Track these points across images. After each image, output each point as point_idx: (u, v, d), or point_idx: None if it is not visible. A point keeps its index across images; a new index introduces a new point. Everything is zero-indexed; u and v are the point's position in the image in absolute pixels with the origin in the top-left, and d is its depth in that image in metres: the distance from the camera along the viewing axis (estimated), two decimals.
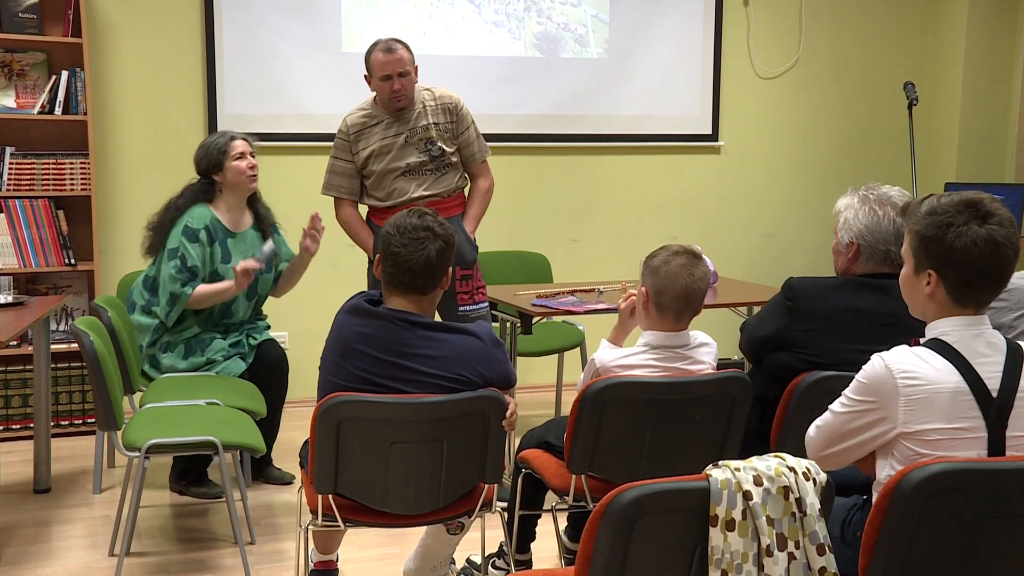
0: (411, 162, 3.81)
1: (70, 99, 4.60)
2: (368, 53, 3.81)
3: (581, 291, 4.27)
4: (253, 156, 3.88)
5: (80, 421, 4.73)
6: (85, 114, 4.60)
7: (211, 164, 3.84)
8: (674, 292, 2.64)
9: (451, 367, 2.56)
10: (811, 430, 2.11)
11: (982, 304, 1.97)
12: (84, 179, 4.64)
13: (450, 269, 2.66)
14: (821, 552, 1.78)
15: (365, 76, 3.84)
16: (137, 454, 3.11)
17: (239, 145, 3.85)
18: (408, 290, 2.60)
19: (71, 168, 4.64)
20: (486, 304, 4.00)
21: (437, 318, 2.88)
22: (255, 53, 4.97)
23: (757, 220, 5.99)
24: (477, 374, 2.59)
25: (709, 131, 5.81)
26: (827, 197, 5.26)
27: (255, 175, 3.88)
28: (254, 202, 3.97)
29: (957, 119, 6.03)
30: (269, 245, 3.85)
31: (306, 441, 2.74)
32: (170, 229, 3.80)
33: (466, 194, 4.05)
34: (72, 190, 4.64)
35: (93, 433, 4.40)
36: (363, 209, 4.04)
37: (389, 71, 3.74)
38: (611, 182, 5.68)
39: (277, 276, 4.06)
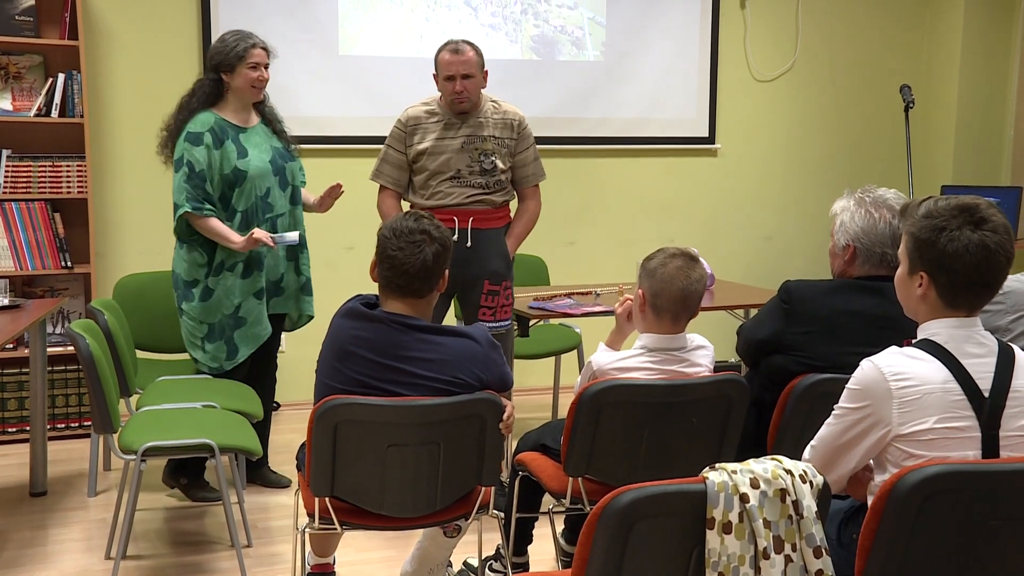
0: (461, 169, 3.75)
1: (67, 102, 4.60)
2: (437, 52, 3.77)
3: (578, 294, 4.27)
4: (267, 68, 3.82)
5: (76, 424, 4.72)
6: (82, 117, 4.60)
7: (223, 63, 3.76)
8: (671, 295, 2.64)
9: (448, 370, 2.56)
10: (806, 452, 2.10)
11: (974, 308, 1.98)
12: (81, 182, 4.64)
13: (447, 272, 2.66)
14: (818, 555, 1.78)
15: (433, 75, 3.81)
16: (133, 457, 3.11)
17: (257, 55, 3.77)
18: (405, 293, 2.60)
19: (68, 171, 4.63)
20: (508, 322, 3.90)
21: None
22: None
23: (754, 223, 5.99)
24: (474, 377, 2.59)
25: (706, 134, 5.81)
26: (824, 200, 5.28)
27: (261, 88, 3.82)
28: (260, 105, 3.92)
29: (953, 122, 6.04)
30: (293, 236, 3.77)
31: (303, 444, 2.74)
32: (181, 130, 3.75)
33: (511, 210, 3.96)
34: (69, 193, 4.64)
35: (89, 436, 4.40)
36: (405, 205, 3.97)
37: (453, 71, 3.70)
38: (608, 185, 5.68)
39: (302, 181, 4.00)
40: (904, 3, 6.12)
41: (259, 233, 3.67)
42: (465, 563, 3.27)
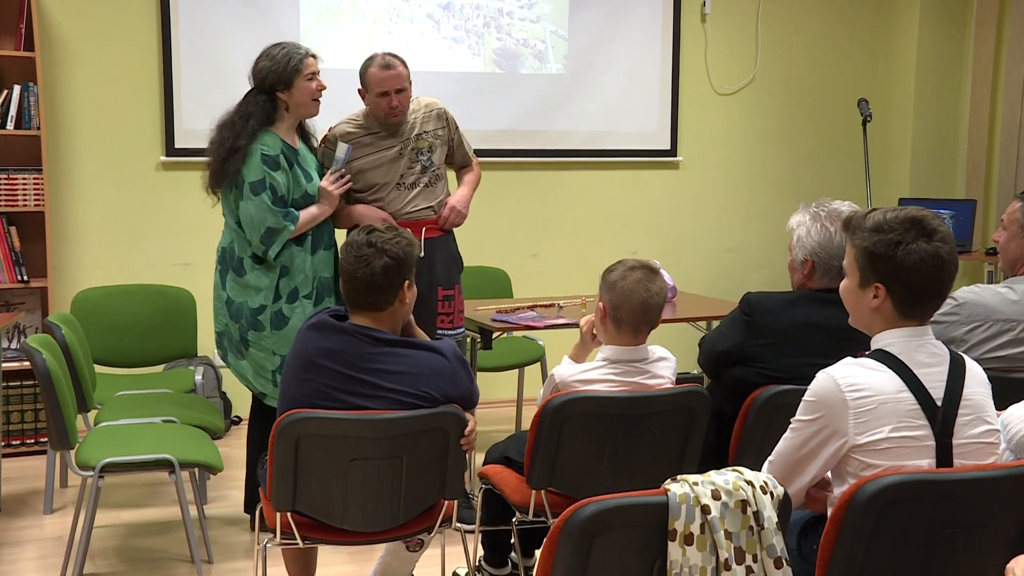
0: (404, 174, 3.72)
1: (23, 114, 4.54)
2: (364, 68, 3.68)
3: (541, 306, 4.28)
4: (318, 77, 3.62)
5: (32, 440, 4.65)
6: (38, 129, 4.54)
7: (279, 80, 3.48)
8: (631, 307, 2.65)
9: (414, 383, 2.55)
10: (764, 467, 2.11)
11: (926, 317, 2.02)
12: (37, 195, 4.58)
13: (406, 283, 2.64)
14: (778, 565, 1.79)
15: (359, 90, 3.74)
16: (91, 473, 3.07)
17: (312, 63, 3.53)
18: (363, 307, 2.60)
19: (24, 184, 4.57)
20: (463, 329, 3.87)
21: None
22: (213, 68, 4.93)
23: (716, 235, 6.04)
24: (440, 392, 2.58)
25: (668, 146, 5.85)
26: (785, 212, 5.29)
27: (319, 100, 3.58)
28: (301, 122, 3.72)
29: (910, 136, 6.14)
30: (343, 148, 3.60)
31: (263, 458, 2.72)
32: (244, 158, 3.43)
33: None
34: (25, 206, 4.57)
35: (45, 452, 4.33)
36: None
37: (387, 87, 3.62)
38: (571, 197, 5.70)
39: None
40: (861, 19, 6.21)
41: (325, 183, 3.54)
42: (454, 574, 3.26)
